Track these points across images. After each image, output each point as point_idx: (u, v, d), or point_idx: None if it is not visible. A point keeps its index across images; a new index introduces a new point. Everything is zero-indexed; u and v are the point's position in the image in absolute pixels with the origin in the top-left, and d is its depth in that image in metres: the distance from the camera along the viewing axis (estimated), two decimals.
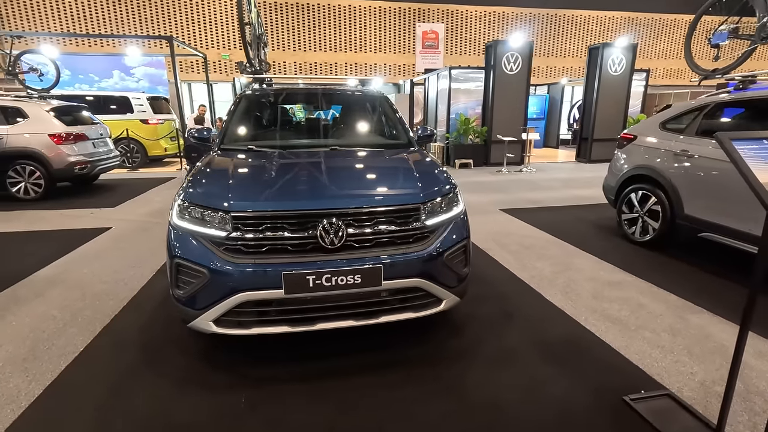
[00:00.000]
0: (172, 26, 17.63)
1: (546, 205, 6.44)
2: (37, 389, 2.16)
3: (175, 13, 17.68)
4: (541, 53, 21.24)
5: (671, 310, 3.03)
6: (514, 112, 10.73)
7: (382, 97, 3.78)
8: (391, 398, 2.10)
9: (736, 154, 1.48)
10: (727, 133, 1.53)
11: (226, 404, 2.06)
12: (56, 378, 2.25)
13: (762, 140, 1.56)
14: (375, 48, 20.16)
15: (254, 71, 4.00)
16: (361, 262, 2.13)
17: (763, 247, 1.43)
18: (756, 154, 1.52)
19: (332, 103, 3.87)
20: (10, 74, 7.52)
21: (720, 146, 1.52)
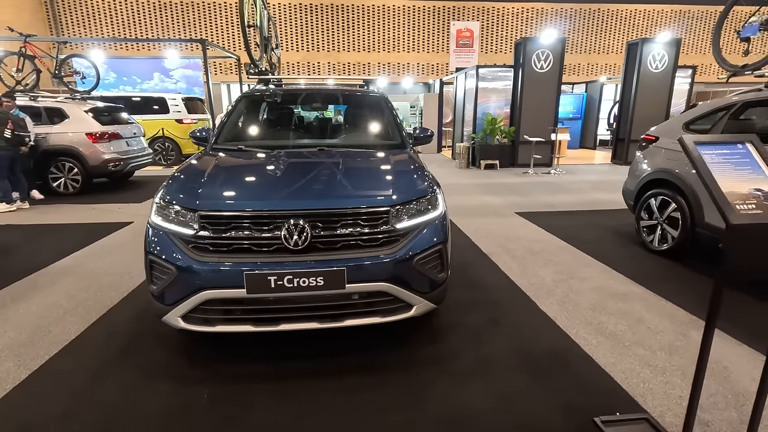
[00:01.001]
0: (212, 30, 18.38)
1: (566, 210, 6.16)
2: (24, 374, 2.31)
3: (214, 17, 18.40)
4: (582, 50, 20.40)
5: (675, 327, 2.80)
6: (543, 112, 10.34)
7: (380, 97, 3.74)
8: (357, 403, 2.07)
9: (699, 160, 1.34)
10: (692, 136, 1.39)
11: (192, 398, 2.10)
12: (43, 364, 2.39)
13: (735, 144, 1.41)
14: (408, 47, 20.08)
15: (259, 72, 4.09)
16: (324, 265, 2.12)
17: (722, 263, 1.29)
18: (725, 160, 1.37)
19: (330, 103, 3.88)
20: (57, 77, 8.11)
21: (683, 150, 1.39)
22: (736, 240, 1.23)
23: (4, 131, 5.68)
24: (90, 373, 2.31)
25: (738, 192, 1.30)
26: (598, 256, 4.15)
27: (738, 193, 1.30)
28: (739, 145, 1.41)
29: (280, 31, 19.17)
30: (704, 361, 1.45)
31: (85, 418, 1.97)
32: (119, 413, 2.00)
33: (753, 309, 3.01)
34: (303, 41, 19.50)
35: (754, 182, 1.32)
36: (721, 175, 1.33)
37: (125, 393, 2.15)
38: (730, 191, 1.30)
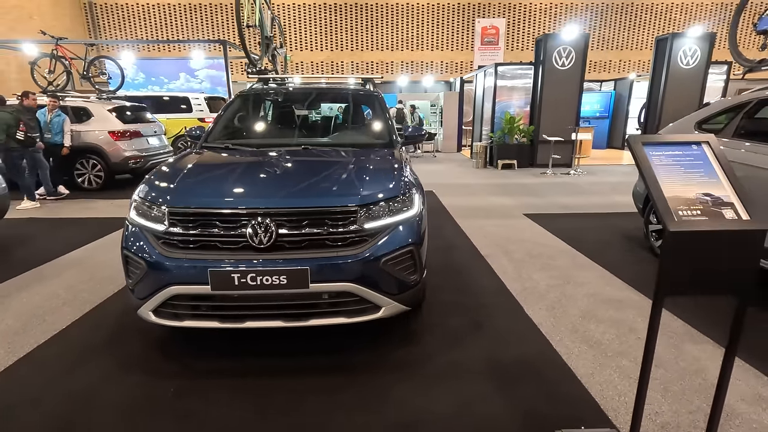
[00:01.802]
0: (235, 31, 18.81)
1: (578, 212, 5.94)
2: (10, 360, 2.43)
3: None
4: (613, 46, 19.65)
5: (667, 338, 2.65)
6: (565, 111, 10.02)
7: (373, 95, 3.72)
8: (315, 403, 2.06)
9: (643, 161, 1.25)
10: (640, 136, 1.30)
11: (158, 391, 2.15)
12: (29, 352, 2.51)
13: (689, 146, 1.31)
14: (432, 45, 19.91)
15: (258, 72, 4.15)
16: (288, 263, 2.12)
17: (661, 271, 1.20)
18: (676, 162, 1.28)
19: (322, 102, 3.88)
20: (85, 77, 8.51)
21: (630, 151, 1.30)
22: (675, 248, 1.14)
23: (17, 132, 5.96)
24: (69, 362, 2.40)
25: (684, 197, 1.21)
26: (600, 260, 3.98)
27: (684, 197, 1.20)
28: (694, 146, 1.31)
29: (304, 32, 19.44)
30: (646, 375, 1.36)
31: (53, 403, 2.05)
32: (86, 401, 2.07)
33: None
34: (327, 41, 19.68)
35: (705, 186, 1.23)
36: (667, 178, 1.24)
37: (96, 382, 2.22)
38: (674, 195, 1.20)
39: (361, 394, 2.13)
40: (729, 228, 1.13)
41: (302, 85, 3.87)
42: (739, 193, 1.20)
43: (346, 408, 2.04)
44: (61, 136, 6.88)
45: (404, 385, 2.20)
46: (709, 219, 1.16)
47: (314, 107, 3.83)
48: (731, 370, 1.36)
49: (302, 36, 19.61)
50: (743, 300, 1.20)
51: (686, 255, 1.15)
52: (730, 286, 1.18)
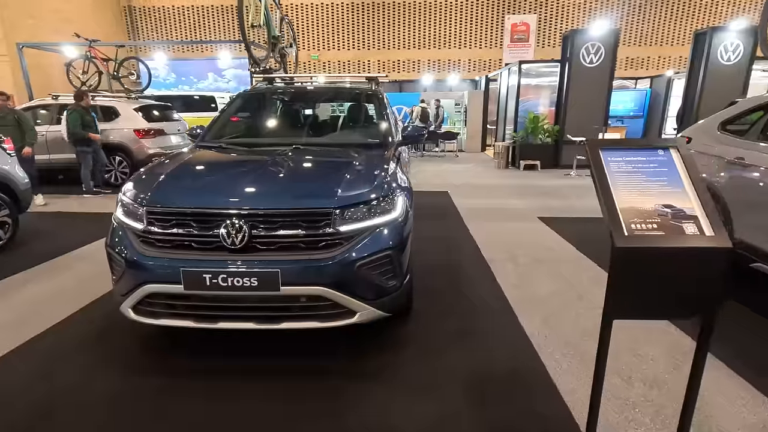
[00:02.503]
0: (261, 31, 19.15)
1: (597, 216, 5.65)
2: (4, 351, 2.52)
3: None
4: (651, 41, 18.69)
5: (670, 357, 2.45)
6: (592, 110, 9.59)
7: (373, 95, 3.65)
8: (285, 411, 2.02)
9: (597, 167, 1.14)
10: (599, 140, 1.18)
11: (139, 389, 2.17)
12: (22, 344, 2.60)
13: (655, 151, 1.18)
14: (460, 43, 19.59)
15: (263, 71, 4.17)
16: (259, 265, 2.10)
17: (609, 292, 1.08)
18: (637, 168, 1.15)
19: (321, 101, 3.85)
20: (115, 78, 8.88)
21: (587, 154, 1.18)
22: (624, 267, 1.02)
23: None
24: (56, 355, 2.48)
25: (640, 208, 1.08)
26: None
27: (640, 209, 1.08)
28: (660, 151, 1.17)
29: (331, 32, 19.56)
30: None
31: (29, 397, 2.12)
32: (62, 395, 2.12)
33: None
34: (354, 40, 19.73)
35: (667, 197, 1.10)
36: (625, 186, 1.11)
37: (80, 376, 2.27)
38: (629, 207, 1.08)
39: (330, 402, 2.08)
40: (686, 245, 1.00)
41: (302, 85, 3.86)
42: (705, 206, 1.06)
43: (306, 415, 1.99)
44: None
45: (375, 394, 2.14)
46: (665, 234, 1.03)
47: (312, 107, 3.80)
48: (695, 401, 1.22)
49: (329, 36, 19.74)
50: (708, 326, 1.06)
51: (637, 274, 1.03)
52: (690, 311, 1.05)
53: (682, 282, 1.02)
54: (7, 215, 4.35)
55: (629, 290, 1.04)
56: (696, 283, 1.02)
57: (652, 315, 1.09)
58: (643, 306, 1.06)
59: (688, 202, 1.08)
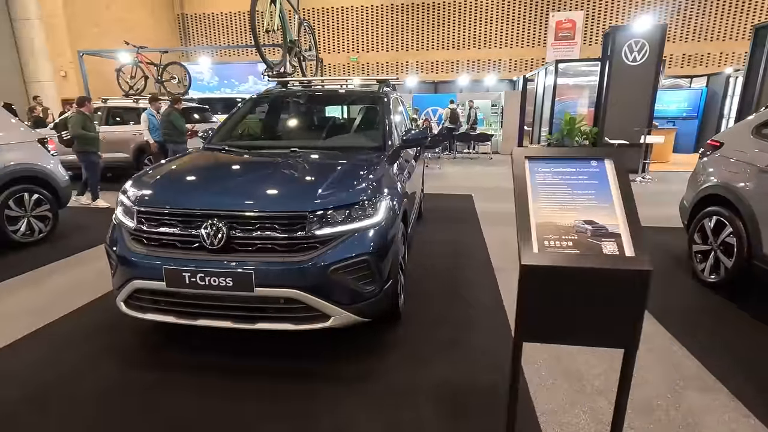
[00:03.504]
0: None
1: None
2: (19, 335, 2.75)
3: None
4: (712, 36, 17.31)
5: (670, 381, 2.26)
6: (635, 111, 9.03)
7: (379, 98, 3.64)
8: (259, 410, 2.05)
9: (519, 179, 1.07)
10: (525, 149, 1.12)
11: (133, 381, 2.29)
12: (36, 330, 2.81)
13: (587, 161, 1.09)
14: (500, 42, 19.12)
15: (277, 74, 4.27)
16: (234, 266, 2.15)
17: (519, 305, 1.01)
18: (564, 180, 1.07)
19: (326, 105, 3.89)
20: (159, 82, 9.44)
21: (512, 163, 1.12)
22: (531, 286, 0.95)
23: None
24: (61, 343, 2.66)
25: (558, 223, 1.01)
26: None
27: (558, 224, 1.01)
28: (593, 162, 1.09)
29: (369, 34, 19.72)
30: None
31: (30, 379, 2.29)
32: (60, 380, 2.28)
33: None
34: (392, 42, 19.77)
35: (591, 212, 1.01)
36: (547, 199, 1.04)
37: (80, 363, 2.43)
38: (546, 221, 1.01)
39: (302, 404, 2.09)
40: (598, 265, 0.92)
41: (309, 89, 3.92)
42: (631, 223, 0.97)
43: (281, 417, 2.01)
44: (158, 134, 7.53)
45: (345, 401, 2.12)
46: (579, 253, 0.95)
47: (316, 111, 3.85)
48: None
49: (367, 38, 19.92)
50: (629, 353, 0.97)
51: (546, 295, 0.96)
52: (609, 339, 0.96)
53: (597, 306, 0.94)
54: (48, 210, 4.73)
55: (538, 312, 0.97)
56: (612, 308, 0.93)
57: (565, 340, 1.00)
58: (555, 330, 0.98)
59: (614, 219, 0.99)
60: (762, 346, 2.59)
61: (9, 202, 4.35)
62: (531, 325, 0.98)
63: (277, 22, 4.36)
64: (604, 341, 0.98)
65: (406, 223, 3.07)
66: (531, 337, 1.00)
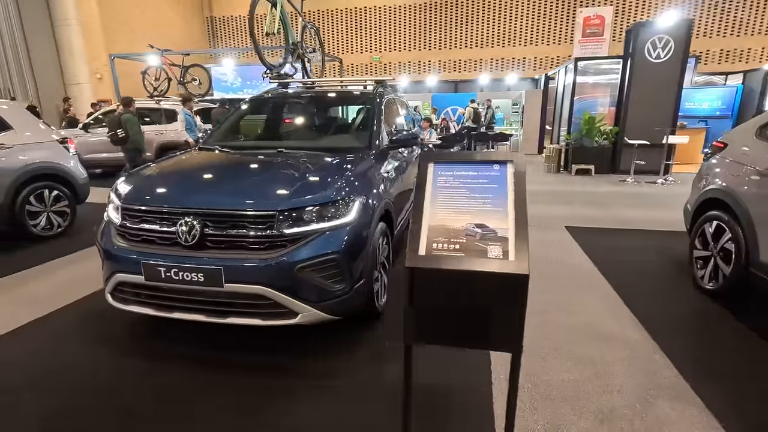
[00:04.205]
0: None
1: (635, 228, 5.14)
2: (25, 320, 2.95)
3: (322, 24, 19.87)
4: (753, 30, 16.37)
5: (643, 390, 2.19)
6: (659, 110, 8.69)
7: (371, 98, 3.67)
8: (224, 404, 2.12)
9: (420, 181, 1.09)
10: (433, 153, 1.13)
11: (116, 370, 2.42)
12: (38, 317, 3.01)
13: (490, 165, 1.10)
14: (525, 40, 18.74)
15: (278, 76, 4.37)
16: (205, 262, 2.24)
17: (406, 307, 1.03)
18: (464, 184, 1.08)
19: (321, 106, 3.96)
20: (181, 84, 9.80)
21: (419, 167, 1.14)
22: (415, 288, 0.97)
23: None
24: (61, 330, 2.84)
25: (450, 226, 1.02)
26: (620, 286, 3.41)
27: (449, 227, 1.01)
28: (496, 166, 1.09)
29: (391, 33, 19.75)
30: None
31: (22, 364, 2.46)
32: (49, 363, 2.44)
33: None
34: (415, 41, 19.73)
35: (484, 215, 1.02)
36: (444, 202, 1.05)
37: (75, 348, 2.60)
38: (439, 224, 1.02)
39: (263, 398, 2.16)
40: (478, 269, 0.93)
41: (304, 91, 4.00)
42: (518, 228, 0.97)
43: (238, 410, 2.08)
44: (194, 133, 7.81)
45: (308, 394, 2.17)
46: (465, 256, 0.96)
47: (308, 112, 3.92)
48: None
49: (390, 37, 19.96)
50: (515, 357, 0.97)
51: (431, 297, 0.97)
52: (493, 341, 0.97)
53: (480, 310, 0.94)
54: (66, 205, 5.02)
55: (426, 314, 0.98)
56: (495, 311, 0.93)
57: (453, 342, 1.01)
58: (443, 332, 0.99)
59: (505, 223, 0.99)
60: (750, 358, 2.47)
61: (30, 198, 4.65)
62: (419, 326, 1.00)
63: (277, 25, 4.46)
64: (490, 345, 0.98)
65: (390, 223, 3.09)
66: (420, 338, 1.01)
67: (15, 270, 3.91)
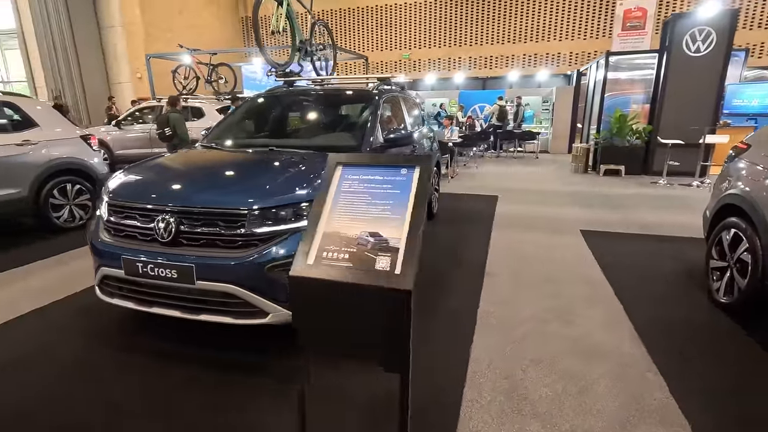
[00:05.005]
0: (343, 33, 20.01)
1: (655, 233, 4.81)
2: (25, 310, 3.10)
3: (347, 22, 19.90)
4: None
5: (627, 411, 2.03)
6: (696, 107, 8.13)
7: (369, 97, 3.62)
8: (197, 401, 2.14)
9: (323, 184, 1.04)
10: (341, 155, 1.08)
11: (99, 360, 2.50)
12: (36, 308, 3.14)
13: (398, 169, 1.03)
14: (560, 35, 18.04)
15: (284, 74, 4.39)
16: (178, 259, 2.27)
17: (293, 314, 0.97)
18: (368, 189, 1.02)
19: (317, 104, 3.94)
20: (208, 82, 10.10)
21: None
22: (297, 298, 0.92)
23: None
24: (55, 321, 2.96)
25: (345, 234, 0.95)
26: (625, 295, 3.20)
27: (344, 235, 0.95)
28: (403, 170, 1.01)
29: (421, 30, 19.55)
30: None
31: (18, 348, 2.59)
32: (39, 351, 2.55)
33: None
34: (444, 37, 19.44)
35: (380, 223, 0.95)
36: (345, 207, 0.99)
37: (63, 338, 2.70)
38: (335, 231, 0.96)
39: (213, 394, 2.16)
40: (359, 281, 0.86)
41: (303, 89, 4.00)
42: (410, 238, 0.90)
43: (218, 409, 2.08)
44: None
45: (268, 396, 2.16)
46: (351, 267, 0.90)
47: (304, 110, 3.90)
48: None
49: (419, 34, 19.77)
50: (403, 378, 0.90)
51: (319, 308, 0.92)
52: (380, 359, 0.90)
53: (366, 325, 0.87)
54: (88, 199, 5.27)
55: (315, 323, 0.93)
56: (381, 329, 0.86)
57: (343, 356, 0.95)
58: (332, 344, 0.93)
59: (400, 232, 0.92)
60: (755, 383, 2.24)
61: (54, 191, 4.91)
62: (307, 339, 0.94)
63: (283, 24, 4.48)
64: (378, 363, 0.91)
65: None
66: (311, 343, 0.96)
67: (33, 260, 4.13)
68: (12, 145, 4.59)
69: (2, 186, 4.47)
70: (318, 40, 5.46)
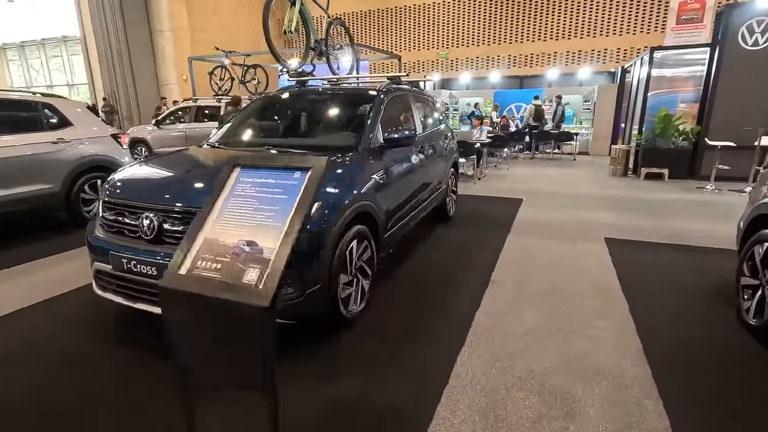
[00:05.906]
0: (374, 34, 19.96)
1: (686, 243, 4.40)
2: (27, 303, 3.26)
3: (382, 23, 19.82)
4: None
5: None
6: (752, 106, 7.40)
7: (374, 97, 3.53)
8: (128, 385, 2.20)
9: (216, 190, 0.98)
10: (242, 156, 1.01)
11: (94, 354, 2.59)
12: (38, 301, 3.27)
13: (291, 172, 0.95)
14: (607, 30, 17.09)
15: (296, 74, 4.39)
16: (158, 256, 2.29)
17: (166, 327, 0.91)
18: (259, 193, 0.94)
19: (321, 104, 3.90)
20: (242, 83, 10.38)
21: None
22: (166, 311, 0.86)
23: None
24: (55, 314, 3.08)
25: (223, 242, 0.89)
26: (640, 311, 2.93)
27: (222, 243, 0.88)
28: (297, 173, 0.93)
29: (460, 28, 19.19)
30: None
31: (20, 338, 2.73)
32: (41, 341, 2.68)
33: None
34: (483, 35, 18.98)
35: (261, 231, 0.87)
36: (230, 213, 0.93)
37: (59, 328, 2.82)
38: (214, 238, 0.90)
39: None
40: (218, 295, 0.79)
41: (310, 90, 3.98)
42: (281, 248, 0.82)
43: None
44: None
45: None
46: (218, 279, 0.83)
47: (308, 111, 3.86)
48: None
49: (458, 32, 19.43)
50: (271, 398, 0.82)
51: (188, 322, 0.85)
52: (245, 379, 0.82)
53: (231, 343, 0.80)
54: None
55: (185, 338, 0.86)
56: (245, 347, 0.79)
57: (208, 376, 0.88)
58: (204, 364, 0.86)
59: (276, 241, 0.84)
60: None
61: (85, 187, 5.21)
62: (182, 350, 0.88)
63: (295, 24, 4.49)
64: (244, 383, 0.83)
65: (372, 225, 2.95)
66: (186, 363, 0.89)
67: (58, 252, 4.38)
68: (47, 143, 4.90)
69: (36, 181, 4.78)
70: (336, 39, 5.44)
